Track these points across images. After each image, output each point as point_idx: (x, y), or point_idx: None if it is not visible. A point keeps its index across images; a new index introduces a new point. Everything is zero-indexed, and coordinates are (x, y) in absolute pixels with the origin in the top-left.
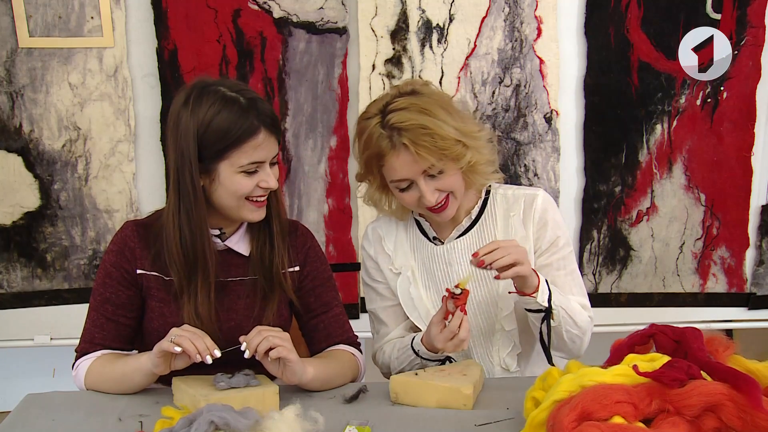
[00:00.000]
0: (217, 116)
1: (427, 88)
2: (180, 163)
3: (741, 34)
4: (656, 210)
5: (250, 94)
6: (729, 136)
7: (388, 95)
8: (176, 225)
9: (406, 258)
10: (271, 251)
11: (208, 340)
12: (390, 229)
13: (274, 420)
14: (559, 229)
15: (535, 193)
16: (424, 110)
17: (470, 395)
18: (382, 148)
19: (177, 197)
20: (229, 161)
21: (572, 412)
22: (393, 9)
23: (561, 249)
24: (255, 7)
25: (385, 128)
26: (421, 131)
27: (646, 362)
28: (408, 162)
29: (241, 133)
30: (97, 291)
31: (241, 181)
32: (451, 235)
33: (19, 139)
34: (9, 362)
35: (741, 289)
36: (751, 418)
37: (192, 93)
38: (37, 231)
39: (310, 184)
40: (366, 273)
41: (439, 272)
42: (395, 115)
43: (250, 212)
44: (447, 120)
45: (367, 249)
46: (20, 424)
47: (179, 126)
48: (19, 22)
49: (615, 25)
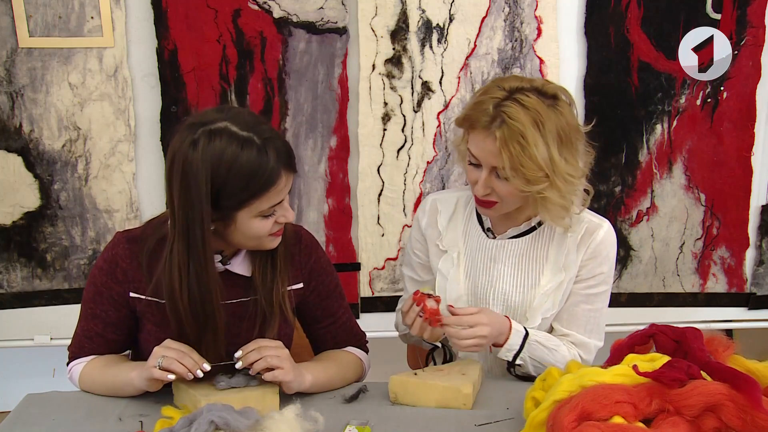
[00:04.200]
0: (234, 164)
1: (565, 106)
2: (190, 217)
3: (741, 34)
4: (656, 210)
5: (264, 132)
6: (729, 136)
7: (529, 82)
8: (184, 280)
9: (456, 239)
10: (273, 272)
11: (195, 354)
12: (449, 206)
13: (274, 420)
14: (607, 267)
15: (600, 224)
16: (538, 122)
17: (470, 394)
18: (480, 119)
19: (185, 251)
20: (248, 209)
21: (572, 412)
22: (393, 9)
23: (597, 285)
24: (255, 7)
25: (496, 108)
26: (518, 137)
27: (646, 362)
28: (488, 149)
29: (263, 182)
30: (87, 304)
31: (259, 224)
32: (506, 233)
33: (19, 139)
34: (9, 362)
35: (741, 289)
36: (751, 418)
37: (199, 136)
38: (37, 231)
39: (310, 184)
40: (410, 241)
41: (481, 264)
42: (514, 106)
43: (270, 242)
44: (550, 145)
45: (420, 219)
46: (20, 424)
47: (188, 174)
48: (19, 22)
49: (615, 25)
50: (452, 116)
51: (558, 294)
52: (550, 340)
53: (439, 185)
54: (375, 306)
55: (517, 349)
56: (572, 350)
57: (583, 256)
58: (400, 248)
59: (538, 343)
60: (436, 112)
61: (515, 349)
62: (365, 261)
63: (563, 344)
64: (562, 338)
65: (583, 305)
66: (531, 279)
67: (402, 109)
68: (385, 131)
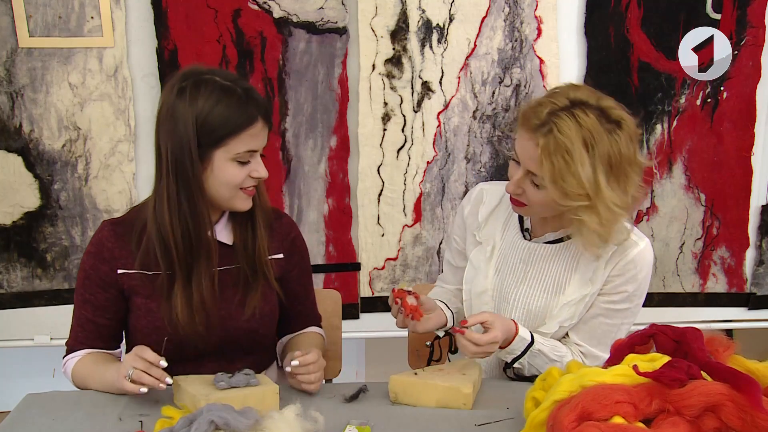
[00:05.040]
0: (217, 106)
1: (624, 135)
2: (179, 152)
3: (741, 34)
4: (656, 210)
5: (245, 84)
6: (729, 136)
7: (597, 100)
8: (175, 213)
9: (494, 233)
10: (253, 239)
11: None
12: (494, 199)
13: (274, 420)
14: (634, 287)
15: (637, 243)
16: (588, 143)
17: (470, 394)
18: (531, 120)
19: (176, 185)
20: (225, 149)
21: (572, 412)
22: (393, 9)
23: (620, 302)
24: (255, 7)
25: (550, 114)
26: (563, 152)
27: (646, 362)
28: (528, 153)
29: (241, 121)
30: (78, 292)
31: (234, 170)
32: (542, 237)
33: (19, 139)
34: (9, 362)
35: (741, 289)
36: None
37: (187, 84)
38: (37, 231)
39: (310, 184)
40: (452, 226)
41: (512, 263)
42: (568, 119)
43: (242, 201)
44: (597, 168)
45: (464, 205)
46: (20, 424)
47: (176, 116)
48: (19, 22)
49: (615, 25)
50: (452, 116)
51: (580, 306)
52: (555, 350)
53: (439, 185)
54: (375, 306)
55: (518, 354)
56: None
57: (611, 271)
58: (400, 248)
59: (542, 353)
60: (436, 112)
61: (516, 354)
62: (365, 261)
63: (569, 354)
64: (573, 346)
65: (602, 318)
66: (557, 287)
67: (402, 109)
68: (385, 131)
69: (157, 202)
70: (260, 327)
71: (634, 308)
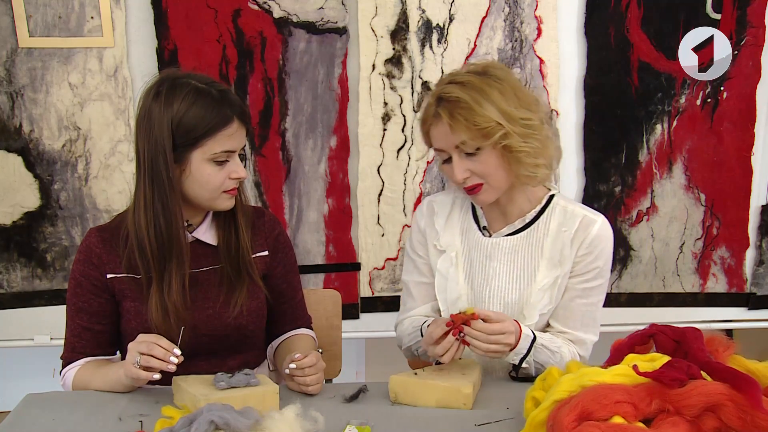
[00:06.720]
0: (192, 107)
1: (500, 71)
2: (154, 154)
3: (741, 34)
4: (656, 210)
5: (221, 86)
6: (729, 136)
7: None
8: (150, 215)
9: (454, 239)
10: (236, 239)
11: (164, 341)
12: (445, 206)
13: (274, 420)
14: (602, 261)
15: (595, 219)
16: (476, 88)
17: (470, 394)
18: (426, 114)
19: (151, 187)
20: (202, 149)
21: (572, 412)
22: (393, 9)
23: (593, 279)
24: (255, 7)
25: (434, 97)
26: (460, 105)
27: (646, 362)
28: (443, 133)
29: (216, 122)
30: (71, 301)
31: (211, 171)
32: (501, 230)
33: (19, 139)
34: (9, 362)
35: (741, 289)
36: (751, 418)
37: (163, 86)
38: (37, 231)
39: (310, 184)
40: (410, 244)
41: (478, 262)
42: (447, 86)
43: (224, 201)
44: (496, 101)
45: (418, 221)
46: (20, 424)
47: (152, 118)
48: (19, 22)
49: (615, 25)
50: None
51: (554, 289)
52: (553, 342)
53: (439, 185)
54: (375, 306)
55: (524, 353)
56: (571, 348)
57: (577, 251)
58: (400, 248)
59: (543, 346)
60: None
61: (522, 353)
62: (365, 261)
63: (563, 345)
64: (559, 335)
65: (579, 300)
66: (527, 276)
67: (402, 109)
68: (385, 131)
69: (135, 204)
70: (249, 323)
71: (605, 282)
